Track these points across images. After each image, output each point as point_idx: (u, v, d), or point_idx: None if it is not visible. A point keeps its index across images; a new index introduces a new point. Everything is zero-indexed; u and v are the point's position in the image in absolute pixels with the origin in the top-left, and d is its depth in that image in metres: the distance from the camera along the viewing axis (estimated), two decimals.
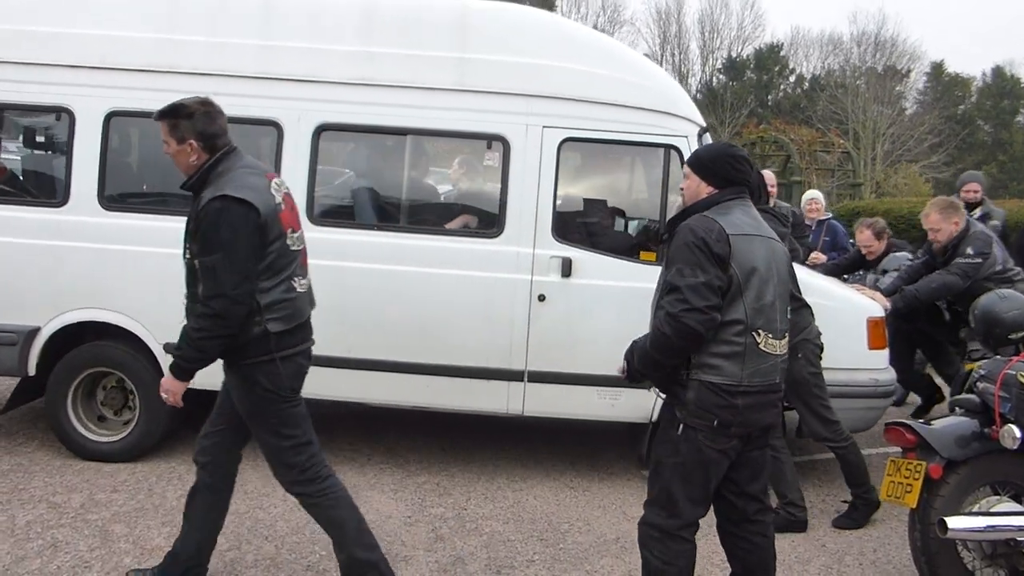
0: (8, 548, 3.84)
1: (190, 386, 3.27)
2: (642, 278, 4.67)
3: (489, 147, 5.03)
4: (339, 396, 4.96)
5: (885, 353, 5.07)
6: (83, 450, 4.97)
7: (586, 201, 5.42)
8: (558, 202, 4.85)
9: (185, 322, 3.21)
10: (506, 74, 4.79)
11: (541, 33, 4.94)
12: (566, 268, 4.76)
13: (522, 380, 4.83)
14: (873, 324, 4.98)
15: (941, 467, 3.50)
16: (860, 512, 4.64)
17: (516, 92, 4.79)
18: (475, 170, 5.52)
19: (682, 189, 3.19)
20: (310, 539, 4.09)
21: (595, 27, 45.93)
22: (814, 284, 4.97)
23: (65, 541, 3.95)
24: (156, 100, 4.76)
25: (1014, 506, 3.50)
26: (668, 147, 4.82)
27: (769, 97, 44.42)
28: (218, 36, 4.86)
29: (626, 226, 5.44)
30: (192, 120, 3.18)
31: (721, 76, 45.02)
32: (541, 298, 4.77)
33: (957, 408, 3.79)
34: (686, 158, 4.70)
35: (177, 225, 4.80)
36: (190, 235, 3.22)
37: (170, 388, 3.22)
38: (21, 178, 5.42)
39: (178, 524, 4.13)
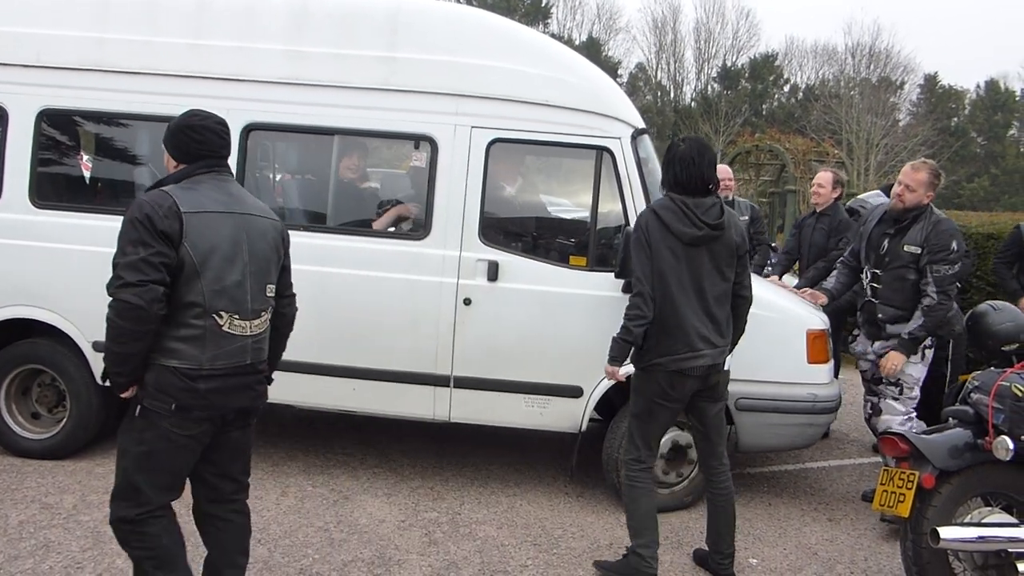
0: (1, 547, 3.83)
1: None
2: (570, 283, 4.65)
3: (417, 147, 4.96)
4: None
5: (827, 367, 4.79)
6: (15, 447, 4.93)
7: (515, 204, 5.33)
8: (486, 204, 4.72)
9: None
10: (435, 73, 4.67)
11: (470, 31, 4.80)
12: (492, 272, 4.64)
13: (448, 385, 4.72)
14: (813, 337, 4.70)
15: (934, 477, 3.52)
16: (621, 566, 3.89)
17: (445, 92, 4.67)
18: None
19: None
20: (303, 542, 4.08)
21: (590, 35, 46.48)
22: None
23: (58, 542, 3.93)
24: (89, 99, 4.82)
25: (1006, 517, 3.51)
26: (600, 149, 4.66)
27: (764, 106, 44.57)
28: (150, 34, 4.79)
29: (555, 230, 5.31)
30: None
31: (716, 85, 45.19)
32: (467, 302, 4.65)
33: (951, 419, 3.81)
34: (616, 160, 4.69)
35: (108, 223, 4.68)
36: None
37: None
38: None
39: None
